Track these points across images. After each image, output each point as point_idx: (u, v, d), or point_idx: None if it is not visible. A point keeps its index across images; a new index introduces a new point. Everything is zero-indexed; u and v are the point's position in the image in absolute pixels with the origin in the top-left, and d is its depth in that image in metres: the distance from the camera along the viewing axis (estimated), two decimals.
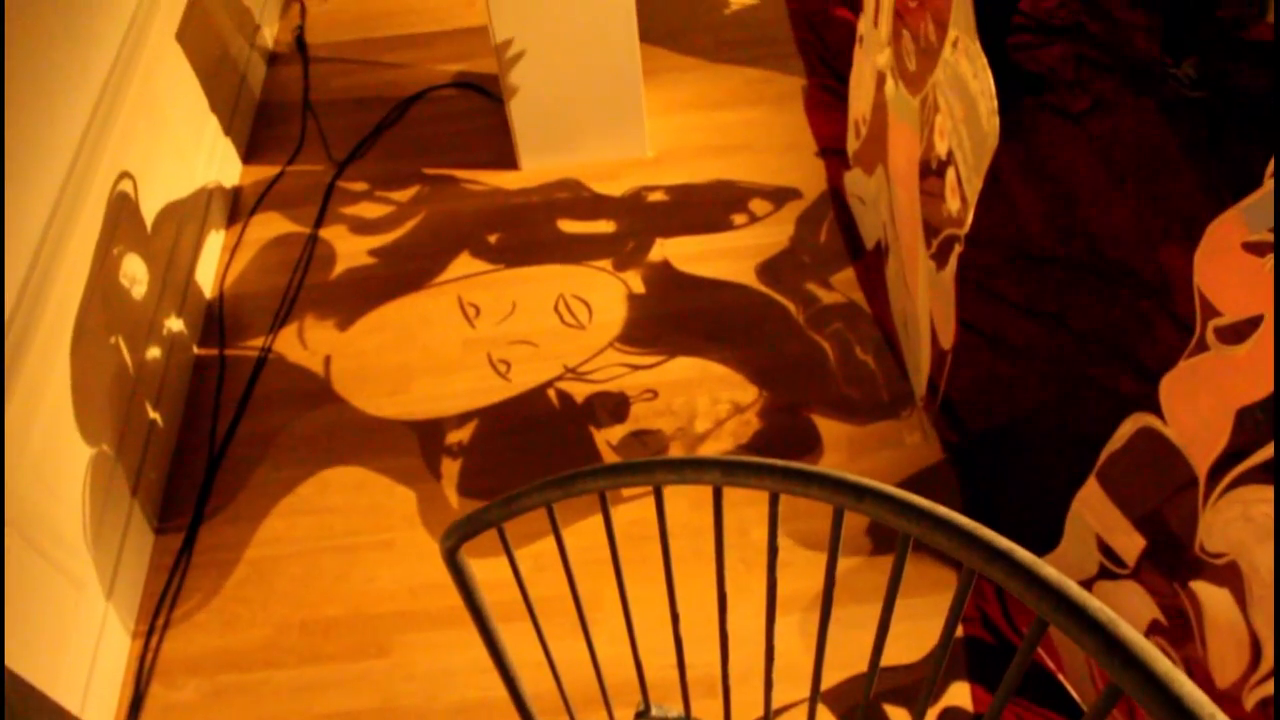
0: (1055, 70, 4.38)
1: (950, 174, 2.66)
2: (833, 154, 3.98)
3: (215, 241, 3.91)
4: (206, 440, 3.31)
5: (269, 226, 4.00)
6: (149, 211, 3.42)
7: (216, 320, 3.68)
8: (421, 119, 4.38)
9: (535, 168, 4.06)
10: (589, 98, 3.87)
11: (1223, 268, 2.04)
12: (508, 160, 4.08)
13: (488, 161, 4.12)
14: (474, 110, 4.37)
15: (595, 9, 3.64)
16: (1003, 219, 3.79)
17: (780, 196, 3.87)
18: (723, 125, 4.18)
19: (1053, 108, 4.24)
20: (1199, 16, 4.27)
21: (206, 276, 3.79)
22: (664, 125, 4.17)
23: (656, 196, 3.91)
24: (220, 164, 4.07)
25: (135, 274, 3.26)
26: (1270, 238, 1.94)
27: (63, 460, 2.72)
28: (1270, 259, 1.95)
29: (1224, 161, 4.00)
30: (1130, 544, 2.30)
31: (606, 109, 3.92)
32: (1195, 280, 2.11)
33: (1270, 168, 1.85)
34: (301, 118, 4.46)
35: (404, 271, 3.75)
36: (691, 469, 1.28)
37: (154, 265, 3.39)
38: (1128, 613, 2.34)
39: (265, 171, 4.22)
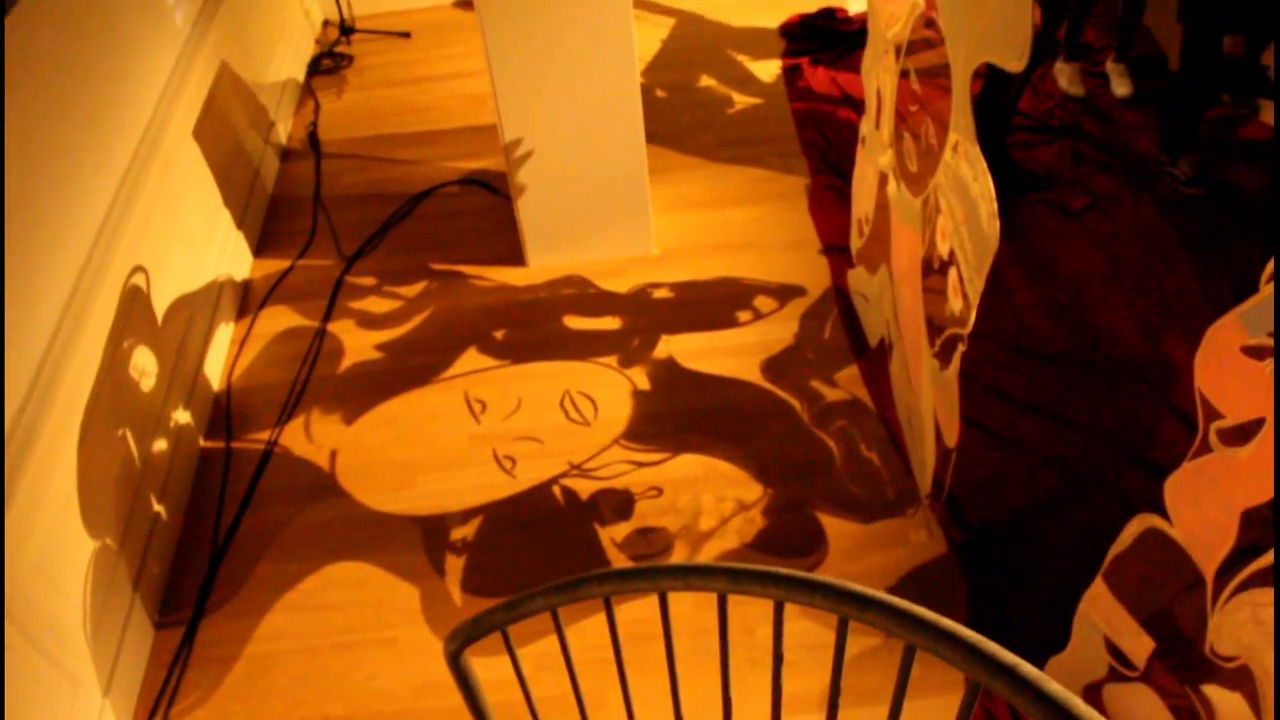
0: (1054, 168, 4.46)
1: (952, 274, 2.69)
2: (836, 251, 4.03)
3: (225, 334, 3.95)
4: (210, 533, 3.31)
5: (278, 320, 4.04)
6: (160, 304, 3.46)
7: (224, 413, 3.70)
8: (430, 215, 4.45)
9: (542, 264, 4.11)
10: (596, 196, 3.94)
11: (1223, 371, 2.06)
12: (515, 257, 4.14)
13: (495, 258, 4.17)
14: (482, 207, 4.44)
15: (603, 110, 3.72)
16: (1005, 315, 3.82)
17: (785, 293, 3.91)
18: (728, 223, 4.24)
19: (1052, 205, 4.30)
20: (1194, 116, 4.35)
21: (215, 368, 3.82)
22: (670, 223, 4.23)
23: (662, 293, 3.95)
24: (232, 257, 4.12)
25: (145, 366, 3.28)
26: (1269, 342, 1.95)
27: (65, 554, 2.71)
28: (1270, 363, 1.97)
29: (1222, 258, 4.04)
30: (1139, 646, 2.28)
31: (613, 207, 3.98)
32: (1196, 383, 2.12)
33: (1268, 271, 1.88)
34: (313, 212, 4.54)
35: (411, 366, 3.78)
36: (698, 577, 1.28)
37: (163, 357, 3.42)
38: (1139, 716, 2.31)
39: (276, 265, 4.28)
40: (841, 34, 5.13)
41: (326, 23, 5.83)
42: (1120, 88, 4.86)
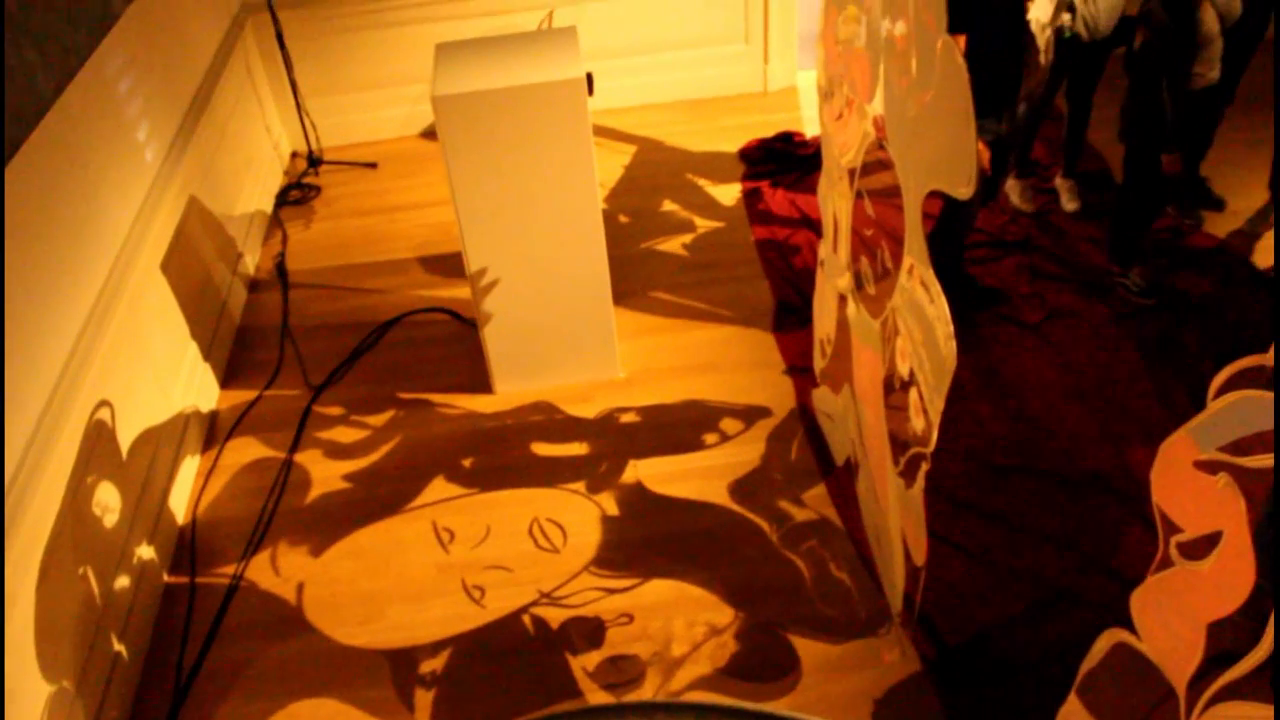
0: (1011, 283, 4.56)
1: (913, 393, 2.73)
2: (800, 372, 4.08)
3: (190, 466, 3.92)
4: (172, 673, 3.24)
5: (245, 451, 4.02)
6: (125, 438, 3.45)
7: (188, 547, 3.65)
8: (397, 344, 4.48)
9: (509, 391, 4.13)
10: (561, 322, 3.99)
11: (1178, 486, 2.09)
12: (482, 384, 4.16)
13: (462, 386, 4.19)
14: (449, 335, 4.48)
15: (566, 237, 3.79)
16: (970, 430, 3.86)
17: (750, 415, 3.94)
18: (692, 345, 4.30)
19: (1011, 319, 4.38)
20: (1141, 229, 4.48)
21: (180, 502, 3.78)
22: (635, 347, 4.28)
23: (629, 418, 3.98)
24: (199, 389, 4.12)
25: (108, 502, 3.25)
26: (1221, 456, 1.99)
27: (18, 699, 2.65)
28: (1223, 477, 2.00)
29: (1178, 366, 4.12)
30: None
31: (578, 333, 4.03)
32: (1154, 499, 2.15)
33: (1215, 385, 1.93)
34: (280, 343, 4.55)
35: (378, 496, 3.76)
36: (664, 713, 1.27)
37: (127, 492, 3.39)
38: None
39: (243, 396, 4.27)
40: (799, 157, 5.27)
41: (295, 154, 5.94)
42: (1069, 203, 5.01)
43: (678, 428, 3.92)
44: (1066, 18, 4.31)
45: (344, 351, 4.43)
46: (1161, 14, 3.90)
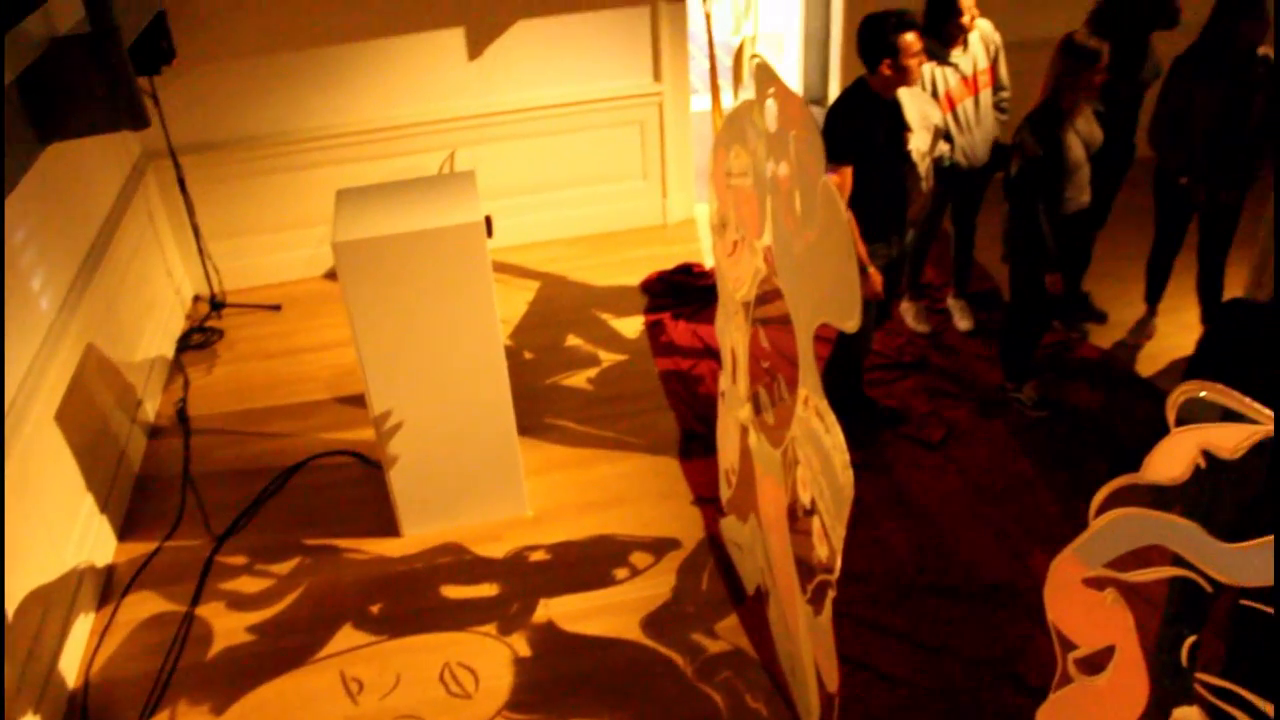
0: (910, 403, 4.67)
1: (816, 521, 2.77)
2: (708, 502, 4.11)
3: (84, 625, 3.78)
4: None
5: (143, 606, 3.89)
6: (12, 600, 3.32)
7: (80, 713, 3.50)
8: (303, 488, 4.41)
9: (417, 534, 4.08)
10: (467, 462, 3.98)
11: (1070, 603, 2.15)
12: (389, 527, 4.10)
13: (369, 529, 4.14)
14: (355, 478, 4.43)
15: (469, 377, 3.81)
16: (876, 551, 3.91)
17: (660, 547, 3.95)
18: (600, 480, 4.31)
19: (912, 439, 4.48)
20: (1030, 345, 4.65)
21: (71, 664, 3.63)
22: (543, 483, 4.27)
23: (538, 556, 3.95)
24: (94, 542, 4.00)
25: None
26: (1107, 573, 2.06)
27: None
28: (1110, 592, 2.06)
29: (1074, 476, 4.24)
30: None
31: (485, 472, 4.02)
32: (1049, 617, 2.20)
33: (1094, 506, 2.00)
34: (181, 491, 4.46)
35: (284, 648, 3.66)
36: None
37: (13, 659, 3.25)
38: None
39: (141, 548, 4.16)
40: (700, 289, 5.38)
41: (197, 298, 5.90)
42: (962, 322, 5.18)
43: (588, 564, 3.90)
44: (945, 147, 4.53)
45: (248, 498, 4.35)
46: (1033, 143, 4.12)
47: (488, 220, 3.63)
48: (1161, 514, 1.94)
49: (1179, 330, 5.00)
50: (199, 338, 5.55)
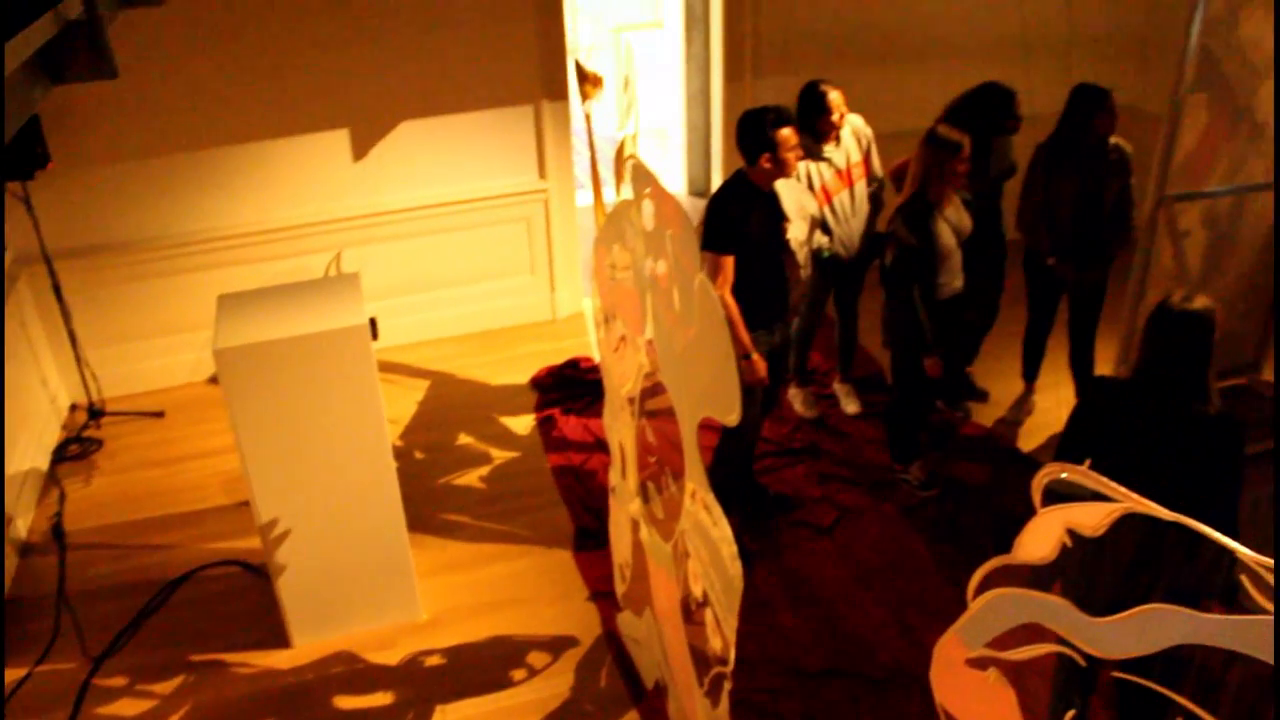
0: (801, 489, 4.74)
1: (709, 613, 2.78)
2: (604, 597, 4.09)
3: None
4: None
5: None
6: None
7: None
8: (187, 601, 4.27)
9: (308, 643, 3.98)
10: (358, 568, 3.90)
11: (955, 684, 2.18)
12: (279, 638, 3.99)
13: (258, 641, 4.01)
14: (242, 588, 4.30)
15: (358, 480, 3.76)
16: (773, 639, 3.92)
17: (557, 646, 3.91)
18: (495, 579, 4.26)
19: (804, 524, 4.54)
20: (915, 426, 4.77)
21: None
22: (436, 585, 4.21)
23: (434, 661, 3.88)
24: None
25: None
26: (989, 653, 2.10)
27: None
28: (992, 672, 2.10)
29: (964, 552, 4.33)
30: None
31: (376, 577, 3.95)
32: (936, 699, 2.24)
33: (971, 587, 2.05)
34: (55, 611, 4.27)
35: None
36: None
37: None
38: None
39: (10, 675, 3.96)
40: (589, 382, 5.41)
41: (74, 407, 5.71)
42: (849, 406, 5.29)
43: (485, 666, 3.84)
44: (825, 239, 4.67)
45: (129, 615, 4.19)
46: (905, 232, 4.28)
47: (372, 322, 3.62)
48: (1034, 593, 1.99)
49: (1057, 405, 5.17)
50: (76, 448, 5.38)
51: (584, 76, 4.81)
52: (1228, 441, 2.90)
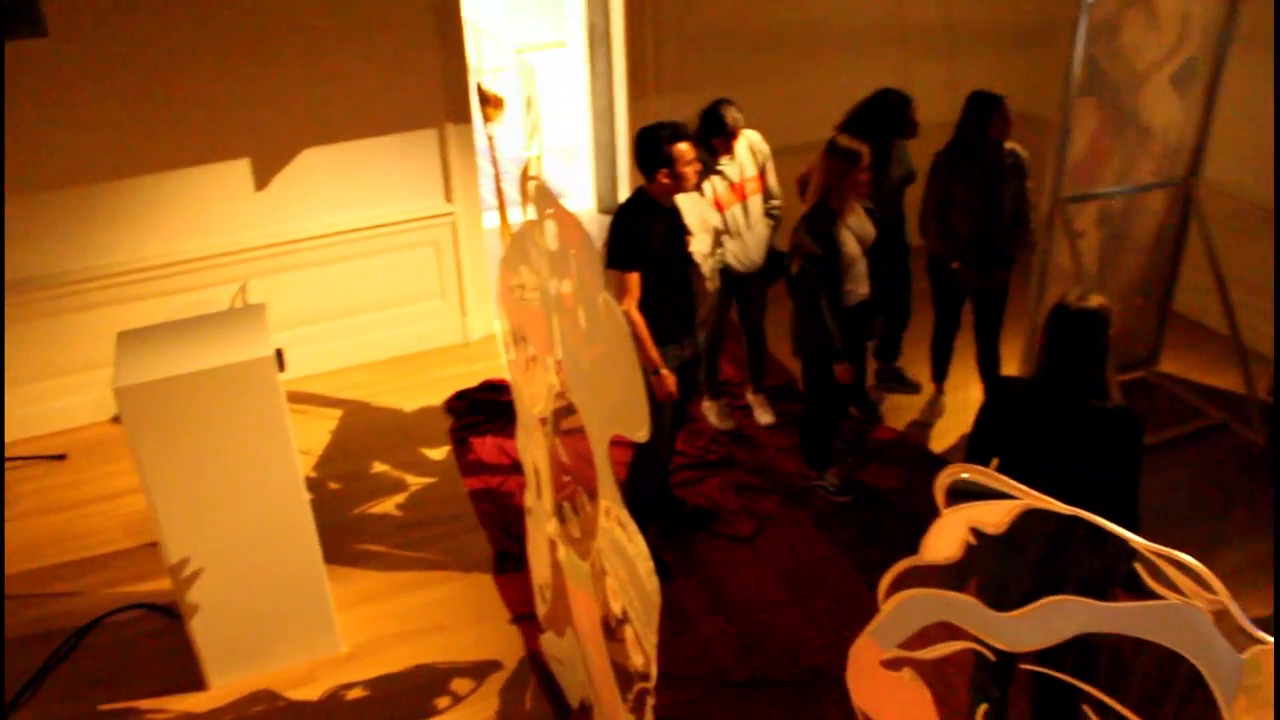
0: (718, 501, 4.76)
1: (629, 631, 2.78)
2: (526, 619, 4.06)
3: None
4: None
5: None
6: None
7: None
8: (96, 649, 4.13)
9: (225, 684, 3.88)
10: (273, 604, 3.83)
11: (871, 685, 2.22)
12: (194, 681, 3.88)
13: (172, 685, 3.90)
14: (154, 631, 4.18)
15: (269, 514, 3.69)
16: (696, 652, 3.93)
17: (480, 671, 3.87)
18: (414, 608, 4.21)
19: (723, 536, 4.56)
20: (828, 433, 4.83)
21: None
22: (355, 617, 4.14)
23: (356, 694, 3.82)
24: None
25: None
26: (903, 653, 2.13)
27: None
28: (907, 671, 2.13)
29: (880, 555, 4.38)
30: None
31: (293, 611, 3.88)
32: (854, 701, 2.26)
33: (882, 590, 2.08)
34: None
35: None
36: None
37: None
38: None
39: None
40: (504, 404, 5.37)
41: None
42: (763, 416, 5.34)
43: (407, 697, 3.78)
44: (718, 251, 4.72)
45: (32, 669, 4.04)
46: (809, 243, 4.34)
47: (279, 353, 3.56)
48: (942, 592, 2.03)
49: (966, 407, 5.28)
50: None
51: (486, 98, 4.81)
52: (1127, 434, 2.99)
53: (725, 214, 4.74)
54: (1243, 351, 5.31)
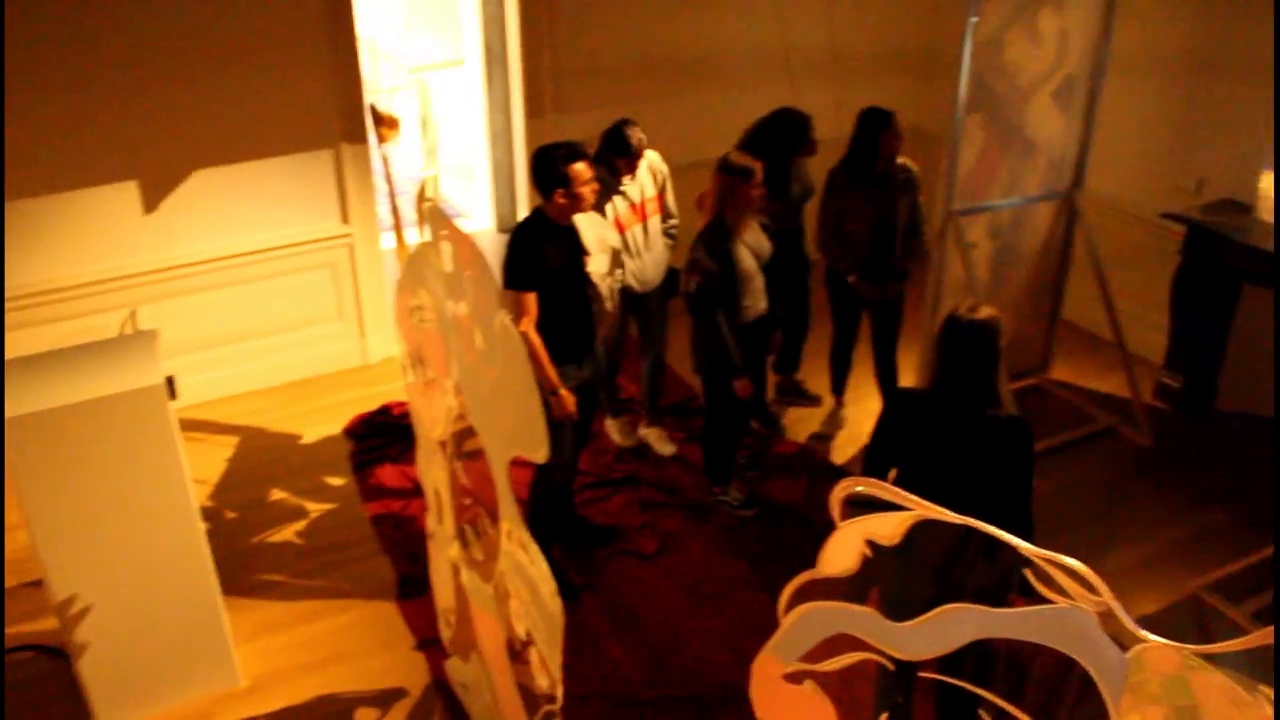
0: (623, 518, 4.76)
1: (534, 653, 2.76)
2: (432, 644, 4.01)
3: None
4: None
5: None
6: None
7: None
8: None
9: None
10: (167, 639, 3.71)
11: (774, 700, 2.23)
12: None
13: None
14: (41, 675, 4.00)
15: (162, 548, 3.58)
16: (604, 671, 3.92)
17: (386, 699, 3.81)
18: (316, 637, 4.12)
19: (628, 554, 4.56)
20: (730, 448, 4.86)
21: None
22: (255, 649, 4.04)
23: None
24: None
25: None
26: (804, 666, 2.15)
27: None
28: (809, 684, 2.15)
29: (783, 569, 4.42)
30: None
31: (189, 646, 3.76)
32: (758, 716, 2.27)
33: (781, 604, 2.09)
34: None
35: None
36: None
37: None
38: None
39: None
40: (404, 427, 5.30)
41: None
42: (664, 449, 5.26)
43: None
44: (618, 271, 4.72)
45: None
46: (706, 260, 4.37)
47: (170, 381, 3.47)
48: (840, 604, 2.05)
49: (866, 417, 5.36)
50: None
51: (379, 119, 4.77)
52: (1018, 442, 3.07)
53: (625, 234, 4.75)
54: (1128, 357, 5.49)
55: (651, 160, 4.84)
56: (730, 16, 6.46)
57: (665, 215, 4.94)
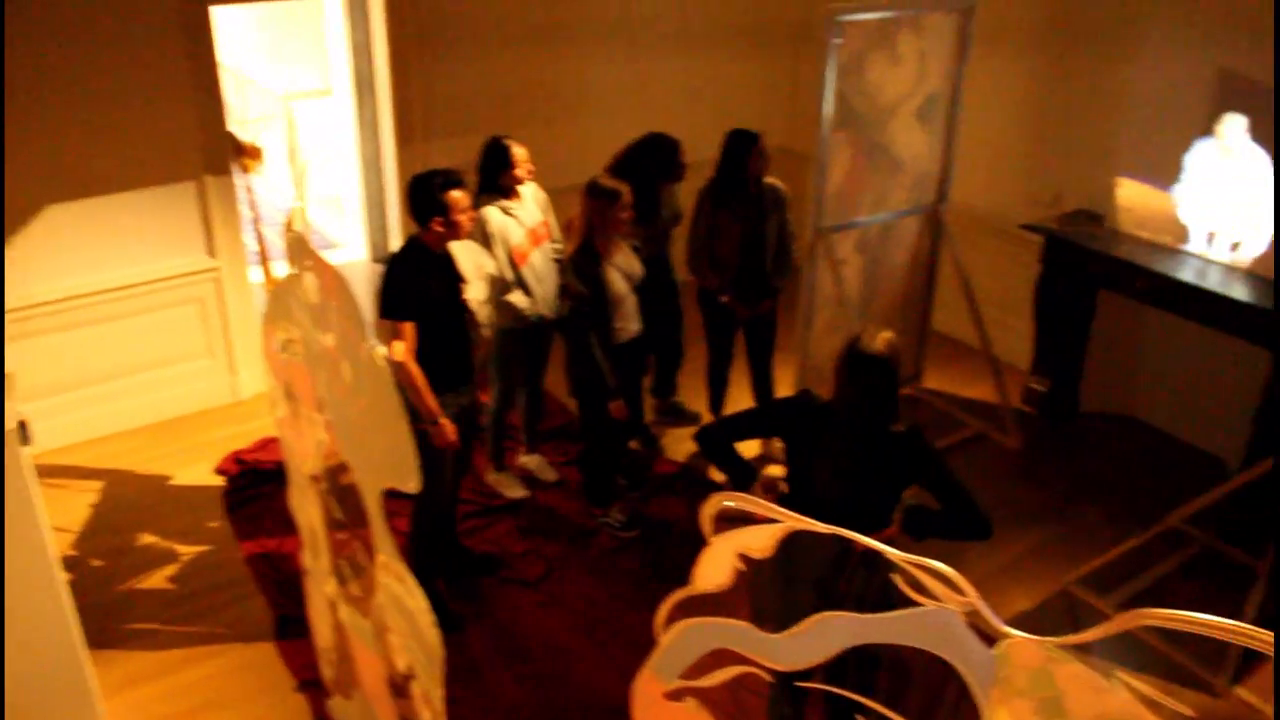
0: (505, 545, 4.72)
1: (416, 687, 2.71)
2: (312, 685, 3.90)
3: None
4: None
5: None
6: None
7: None
8: None
9: None
10: (25, 699, 3.50)
11: (657, 718, 2.22)
12: None
13: None
14: None
15: (17, 603, 3.39)
16: (489, 702, 3.87)
17: None
18: (192, 685, 3.97)
19: (512, 580, 4.51)
20: (609, 469, 4.87)
21: None
22: (124, 703, 3.86)
23: None
24: None
25: None
26: (682, 683, 2.15)
27: None
28: (690, 701, 2.15)
29: (667, 588, 4.42)
30: None
31: (48, 705, 3.55)
32: None
33: (658, 623, 2.09)
34: None
35: None
36: None
37: None
38: None
39: None
40: (279, 463, 5.17)
41: None
42: (547, 475, 5.22)
43: None
44: (527, 301, 4.61)
45: None
46: (576, 283, 4.38)
47: (22, 425, 3.32)
48: (715, 619, 2.06)
49: None
50: None
51: (240, 149, 4.65)
52: (920, 449, 3.13)
53: (526, 264, 4.63)
54: (995, 364, 5.67)
55: (532, 187, 4.77)
56: (593, 44, 6.51)
57: (550, 240, 4.90)
